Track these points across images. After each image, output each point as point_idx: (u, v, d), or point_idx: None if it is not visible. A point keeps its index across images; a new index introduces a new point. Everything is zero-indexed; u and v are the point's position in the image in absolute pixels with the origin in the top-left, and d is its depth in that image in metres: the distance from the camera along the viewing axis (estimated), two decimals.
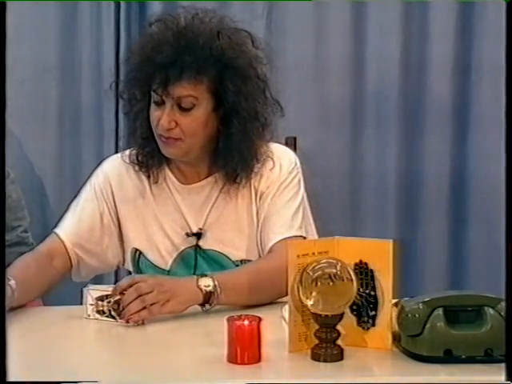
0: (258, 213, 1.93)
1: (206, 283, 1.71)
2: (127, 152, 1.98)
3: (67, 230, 1.94)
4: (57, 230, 1.96)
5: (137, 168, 1.96)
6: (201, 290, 1.71)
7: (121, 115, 2.73)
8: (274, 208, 1.91)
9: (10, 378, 1.22)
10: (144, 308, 1.63)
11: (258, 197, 1.93)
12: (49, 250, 1.93)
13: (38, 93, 2.85)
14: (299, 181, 1.96)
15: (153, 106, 1.86)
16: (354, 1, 2.86)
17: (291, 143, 2.34)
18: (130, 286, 1.65)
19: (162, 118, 1.83)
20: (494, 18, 2.75)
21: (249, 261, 1.92)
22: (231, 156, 1.88)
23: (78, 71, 2.86)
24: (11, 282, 1.67)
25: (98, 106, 2.85)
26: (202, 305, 1.72)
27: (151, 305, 1.63)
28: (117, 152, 2.72)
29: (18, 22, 2.68)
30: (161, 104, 1.84)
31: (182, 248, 1.94)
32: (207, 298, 1.71)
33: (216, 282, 1.71)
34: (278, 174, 1.93)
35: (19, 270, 1.78)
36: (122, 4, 2.82)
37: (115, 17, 2.82)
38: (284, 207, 1.91)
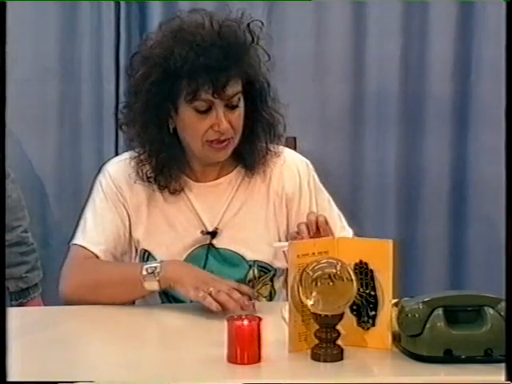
0: (285, 217, 1.96)
1: None
2: (132, 163, 1.93)
3: (94, 241, 1.90)
4: (82, 243, 1.90)
5: (155, 186, 1.93)
6: None
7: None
8: (326, 214, 1.91)
9: (10, 378, 1.22)
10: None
11: (284, 201, 1.96)
12: (94, 260, 1.89)
13: (38, 93, 2.85)
14: (316, 177, 2.02)
15: (194, 116, 1.83)
16: (354, 1, 2.86)
17: (291, 143, 2.34)
18: None
19: (218, 122, 1.82)
20: (494, 18, 2.75)
21: (262, 262, 1.94)
22: (256, 144, 1.91)
23: (77, 71, 2.86)
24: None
25: (98, 106, 2.84)
26: None
27: None
28: (117, 151, 2.75)
29: (18, 22, 2.67)
30: (206, 111, 1.83)
31: (193, 247, 1.93)
32: None
33: None
34: (299, 177, 1.97)
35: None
36: (122, 4, 2.82)
37: (115, 17, 2.81)
38: (331, 210, 1.98)
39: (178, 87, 1.81)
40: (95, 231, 1.91)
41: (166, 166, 1.90)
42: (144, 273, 1.77)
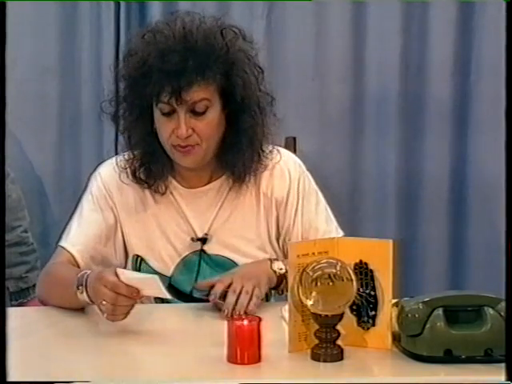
0: (280, 223, 1.94)
1: (280, 266, 1.80)
2: (122, 166, 1.92)
3: (74, 241, 1.90)
4: (63, 244, 1.90)
5: (139, 185, 1.92)
6: (275, 272, 1.80)
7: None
8: (309, 217, 1.93)
9: (10, 377, 1.22)
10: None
11: (273, 205, 1.93)
12: (60, 263, 1.88)
13: (38, 93, 2.85)
14: (310, 179, 1.98)
15: (161, 119, 1.82)
16: (354, 1, 2.86)
17: (291, 143, 2.34)
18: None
19: (178, 127, 1.80)
20: (494, 18, 2.75)
21: None
22: (239, 156, 1.87)
23: (77, 71, 2.86)
24: None
25: (98, 106, 2.84)
26: (275, 288, 1.82)
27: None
28: (116, 151, 2.75)
29: (18, 22, 2.68)
30: (171, 114, 1.81)
31: (185, 254, 1.92)
32: (280, 281, 1.80)
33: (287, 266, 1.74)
34: (289, 180, 1.94)
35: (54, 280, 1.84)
36: (122, 4, 2.82)
37: (115, 17, 2.82)
38: (316, 213, 1.95)
39: (144, 88, 1.81)
40: (77, 231, 1.91)
41: (150, 163, 1.89)
42: (76, 282, 1.70)
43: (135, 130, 1.88)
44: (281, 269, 1.80)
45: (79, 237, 1.90)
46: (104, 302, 1.60)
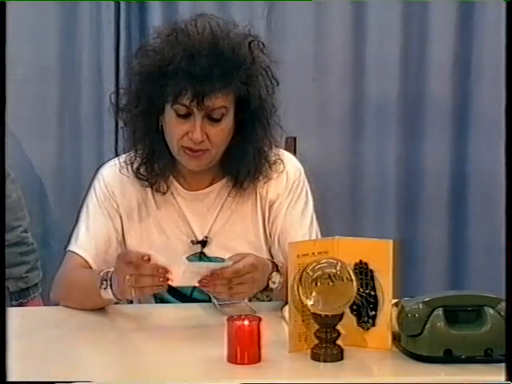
0: (266, 220, 1.93)
1: (274, 280, 1.73)
2: (124, 160, 1.92)
3: (85, 246, 1.90)
4: (74, 249, 1.91)
5: (140, 182, 1.92)
6: (268, 284, 1.73)
7: None
8: (291, 219, 1.92)
9: (10, 377, 1.22)
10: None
11: (267, 205, 1.93)
12: (75, 268, 1.89)
13: (38, 93, 2.85)
14: (307, 186, 1.97)
15: (174, 119, 1.81)
16: (354, 1, 2.86)
17: (291, 143, 2.34)
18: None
19: (192, 130, 1.80)
20: (494, 18, 2.75)
21: None
22: (245, 164, 1.87)
23: (77, 71, 2.86)
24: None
25: (98, 106, 2.85)
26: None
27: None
28: (117, 151, 2.74)
29: (18, 22, 2.67)
30: (187, 116, 1.81)
31: (186, 256, 1.92)
32: (266, 290, 1.74)
33: (281, 280, 1.72)
34: (285, 182, 1.93)
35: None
36: (122, 4, 2.82)
37: (115, 17, 2.81)
38: (301, 217, 1.93)
39: (164, 86, 1.80)
40: (86, 236, 1.91)
41: (152, 160, 1.88)
42: (99, 280, 1.73)
43: (140, 125, 1.87)
44: (274, 283, 1.73)
45: (89, 242, 1.90)
46: (127, 277, 1.61)
